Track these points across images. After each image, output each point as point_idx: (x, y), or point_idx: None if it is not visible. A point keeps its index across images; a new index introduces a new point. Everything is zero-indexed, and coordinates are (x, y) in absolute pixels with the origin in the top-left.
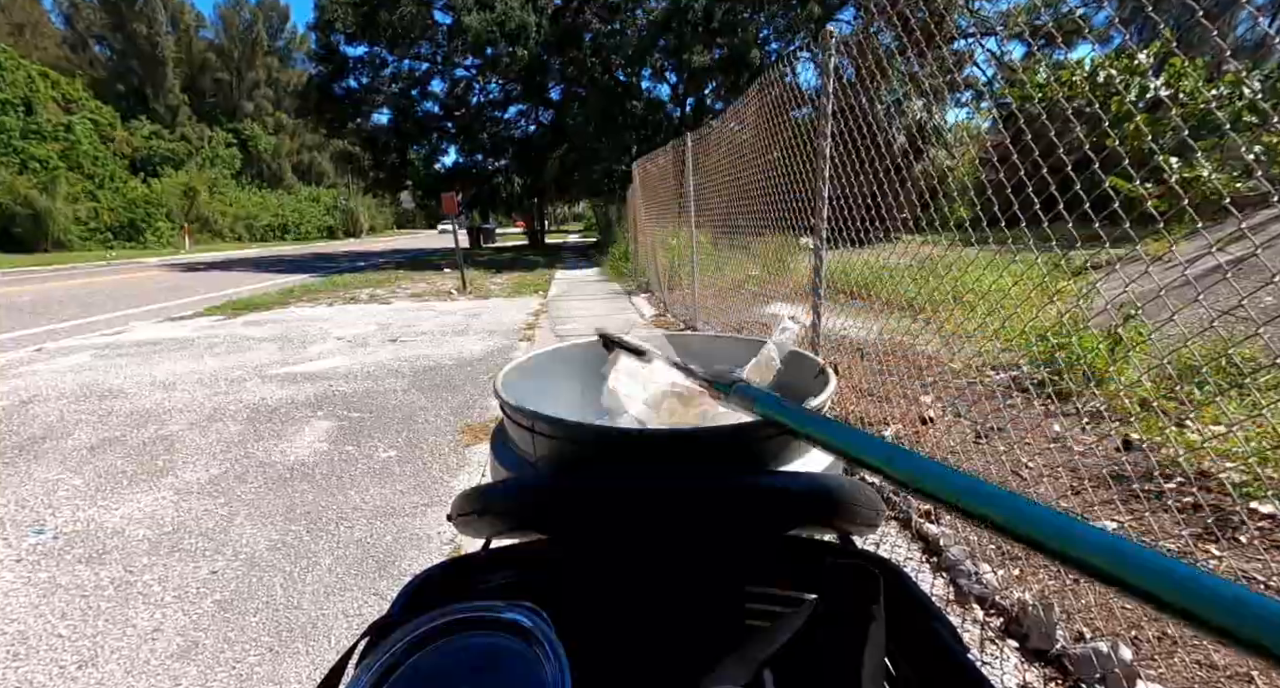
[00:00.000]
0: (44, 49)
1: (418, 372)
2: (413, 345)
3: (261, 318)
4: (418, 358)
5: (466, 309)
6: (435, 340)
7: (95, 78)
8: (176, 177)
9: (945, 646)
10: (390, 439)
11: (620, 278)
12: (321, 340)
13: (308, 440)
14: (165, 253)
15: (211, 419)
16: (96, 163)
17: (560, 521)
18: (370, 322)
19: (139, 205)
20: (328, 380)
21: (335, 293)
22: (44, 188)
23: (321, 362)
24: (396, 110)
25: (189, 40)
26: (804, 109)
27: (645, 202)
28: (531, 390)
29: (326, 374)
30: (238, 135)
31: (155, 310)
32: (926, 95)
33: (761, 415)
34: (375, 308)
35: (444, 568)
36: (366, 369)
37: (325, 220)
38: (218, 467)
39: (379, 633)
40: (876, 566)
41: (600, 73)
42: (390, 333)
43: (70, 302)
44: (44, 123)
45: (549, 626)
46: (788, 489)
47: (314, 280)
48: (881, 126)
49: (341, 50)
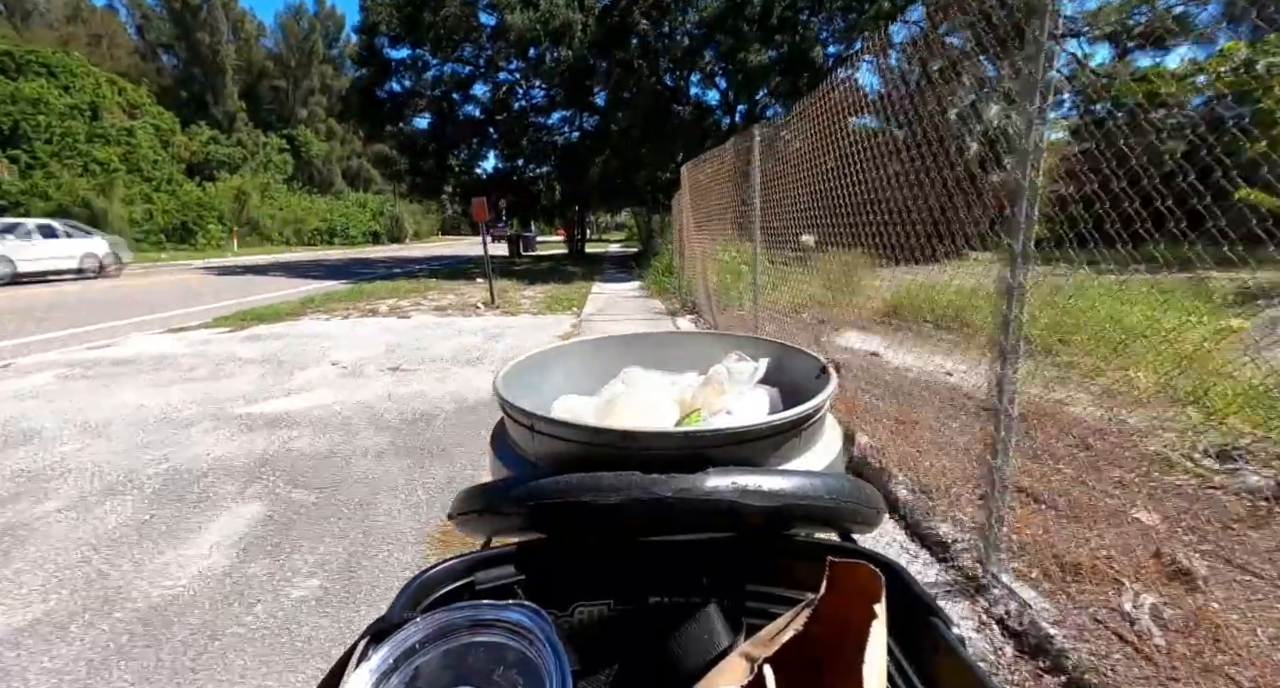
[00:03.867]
0: (118, 58)
1: (406, 421)
2: (414, 378)
3: (265, 331)
4: (413, 398)
5: (490, 328)
6: (442, 372)
7: (162, 85)
8: (231, 181)
9: (947, 643)
10: (324, 552)
11: (663, 295)
12: (315, 364)
13: (207, 547)
14: (214, 255)
15: (107, 493)
16: (155, 166)
17: (561, 520)
18: (379, 341)
19: (192, 208)
20: (290, 429)
21: (356, 304)
22: (101, 190)
23: (299, 397)
24: (436, 114)
25: (249, 49)
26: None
27: (695, 210)
28: (532, 389)
29: (294, 419)
30: (291, 141)
31: (166, 319)
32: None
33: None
34: (392, 323)
35: (445, 567)
36: (344, 414)
37: (371, 225)
38: (42, 603)
39: (379, 634)
40: (877, 564)
41: (648, 75)
42: (395, 357)
43: (86, 306)
44: (109, 127)
45: (549, 625)
46: (788, 488)
47: (342, 288)
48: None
49: (385, 53)
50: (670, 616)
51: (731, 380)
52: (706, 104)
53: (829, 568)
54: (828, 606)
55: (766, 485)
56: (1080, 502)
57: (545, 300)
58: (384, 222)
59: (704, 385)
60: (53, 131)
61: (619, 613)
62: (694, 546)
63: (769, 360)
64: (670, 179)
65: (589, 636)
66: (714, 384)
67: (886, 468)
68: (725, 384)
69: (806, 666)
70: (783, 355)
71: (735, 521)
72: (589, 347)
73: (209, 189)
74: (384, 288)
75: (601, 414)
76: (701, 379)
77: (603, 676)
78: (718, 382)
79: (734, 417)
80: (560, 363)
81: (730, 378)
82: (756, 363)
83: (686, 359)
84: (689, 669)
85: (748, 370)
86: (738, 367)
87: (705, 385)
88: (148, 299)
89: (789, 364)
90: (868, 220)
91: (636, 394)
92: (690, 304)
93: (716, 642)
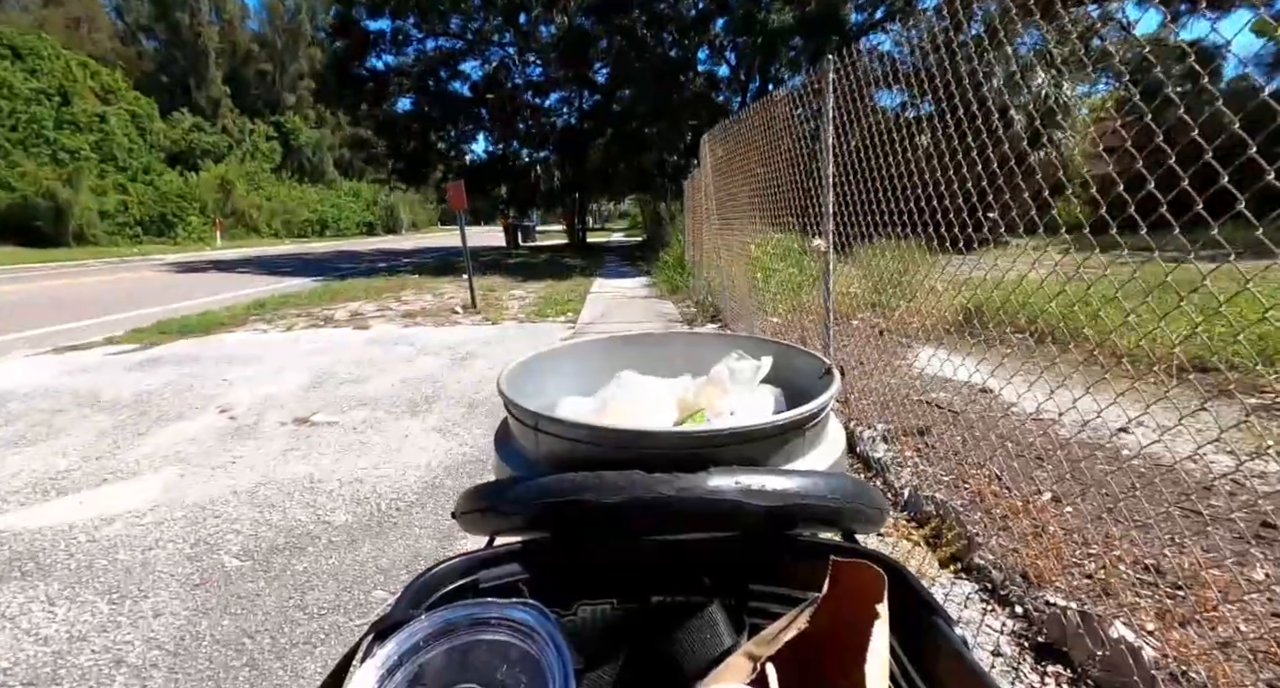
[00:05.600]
0: (98, 42)
1: (251, 556)
2: (320, 441)
3: (174, 352)
4: (293, 492)
5: (460, 344)
6: (366, 429)
7: (144, 71)
8: (214, 170)
9: (949, 643)
10: None
11: (675, 294)
12: (192, 414)
13: None
14: (193, 249)
15: None
16: (131, 155)
17: (564, 519)
18: (309, 367)
19: (172, 199)
20: (16, 591)
21: (313, 308)
22: (67, 180)
23: (111, 489)
24: (420, 92)
25: (233, 31)
26: None
27: (720, 192)
28: (536, 388)
29: (53, 555)
30: (279, 128)
31: (73, 330)
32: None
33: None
34: (343, 337)
35: (448, 566)
36: (151, 542)
37: (365, 216)
38: None
39: (383, 631)
40: (880, 564)
41: (653, 46)
42: (315, 399)
43: (5, 310)
44: (79, 113)
45: (553, 624)
46: (791, 489)
47: (310, 287)
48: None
49: (363, 25)
50: (673, 615)
51: (734, 380)
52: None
53: (832, 568)
54: (830, 605)
55: (770, 485)
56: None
57: (536, 302)
58: (378, 212)
59: (707, 385)
60: (17, 117)
61: (622, 612)
62: (697, 545)
63: (771, 360)
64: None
65: (592, 634)
66: (717, 384)
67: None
68: (728, 384)
69: (809, 665)
70: (785, 355)
71: (738, 520)
72: (593, 346)
73: (191, 179)
74: (356, 287)
75: (597, 416)
76: (696, 381)
77: (606, 674)
78: (720, 381)
79: (737, 417)
80: (565, 362)
81: (733, 377)
82: (759, 362)
83: (690, 360)
84: (692, 669)
85: (749, 369)
86: (739, 366)
87: (708, 385)
88: (77, 303)
89: (792, 365)
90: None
91: (632, 396)
92: (711, 308)
93: (719, 641)
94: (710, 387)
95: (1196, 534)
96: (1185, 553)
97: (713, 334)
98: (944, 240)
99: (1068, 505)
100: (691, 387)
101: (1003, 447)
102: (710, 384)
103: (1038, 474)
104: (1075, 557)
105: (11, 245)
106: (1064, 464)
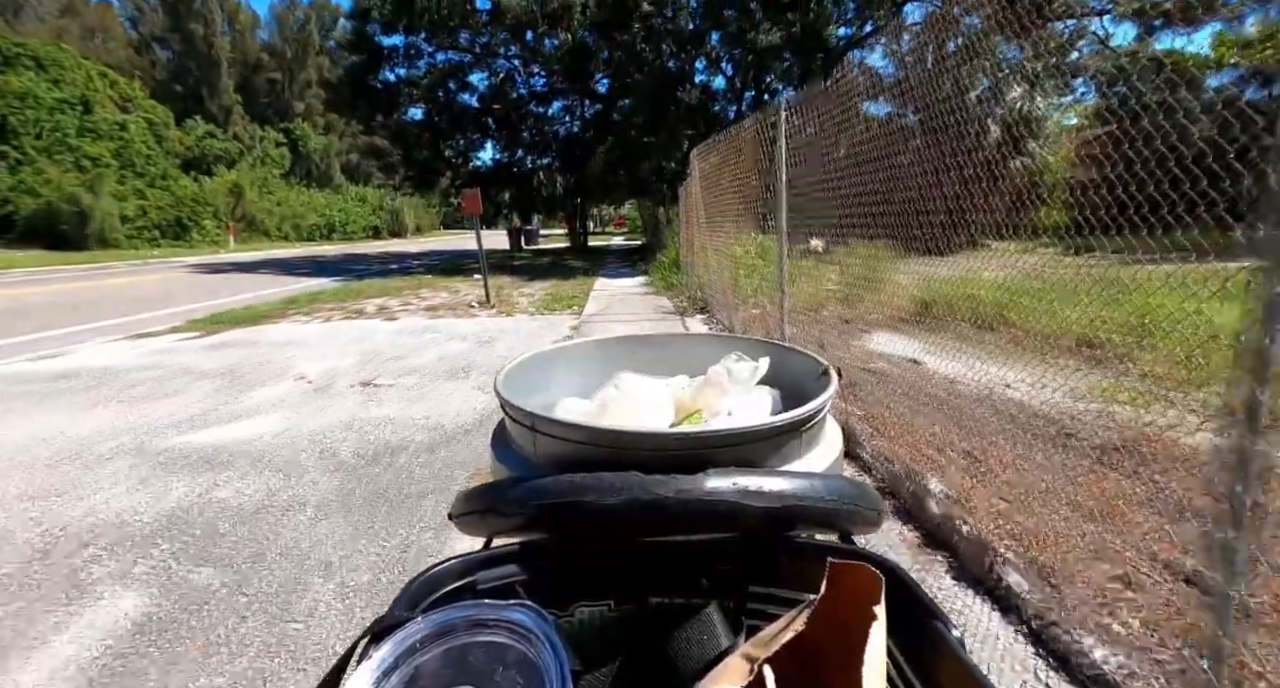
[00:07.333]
0: (113, 52)
1: (363, 458)
2: (387, 397)
3: (235, 338)
4: (379, 425)
5: (481, 331)
6: (420, 388)
7: (158, 79)
8: (226, 176)
9: (947, 644)
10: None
11: (670, 291)
12: (277, 379)
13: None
14: (208, 251)
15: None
16: (149, 161)
17: (562, 520)
18: (357, 349)
19: (186, 204)
20: (220, 470)
21: (343, 304)
22: (89, 185)
23: (245, 424)
24: (431, 103)
25: (244, 41)
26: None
27: (707, 199)
28: (533, 389)
29: (229, 454)
30: (288, 135)
31: (134, 322)
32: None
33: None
34: (376, 326)
35: (445, 567)
36: (293, 448)
37: (371, 220)
38: None
39: (380, 633)
40: (877, 565)
41: (651, 59)
42: (371, 369)
43: (53, 308)
44: (100, 122)
45: (550, 626)
46: (789, 489)
47: (332, 286)
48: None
49: (377, 40)
50: (671, 616)
51: (731, 380)
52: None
53: (829, 569)
54: (827, 607)
55: (767, 486)
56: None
57: (544, 299)
58: (384, 216)
59: (704, 386)
60: (42, 126)
61: (620, 613)
62: (695, 546)
63: (768, 361)
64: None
65: (589, 636)
66: (714, 385)
67: (980, 535)
68: (725, 385)
69: (806, 667)
70: (783, 357)
71: (735, 521)
72: (591, 347)
73: (205, 184)
74: (375, 286)
75: (595, 418)
76: (694, 382)
77: (603, 676)
78: (718, 382)
79: (735, 418)
80: (562, 363)
81: (730, 378)
82: (756, 363)
83: (687, 360)
84: (689, 670)
85: (747, 370)
86: (737, 367)
87: (705, 386)
88: (123, 300)
89: (789, 365)
90: (888, 210)
91: (629, 397)
92: (700, 302)
93: (717, 642)
94: (708, 388)
95: (1013, 440)
96: (996, 448)
97: (710, 335)
98: (914, 241)
99: (935, 424)
100: (689, 387)
101: (906, 393)
102: (708, 385)
103: (925, 410)
104: (923, 450)
105: (39, 249)
106: (947, 406)
